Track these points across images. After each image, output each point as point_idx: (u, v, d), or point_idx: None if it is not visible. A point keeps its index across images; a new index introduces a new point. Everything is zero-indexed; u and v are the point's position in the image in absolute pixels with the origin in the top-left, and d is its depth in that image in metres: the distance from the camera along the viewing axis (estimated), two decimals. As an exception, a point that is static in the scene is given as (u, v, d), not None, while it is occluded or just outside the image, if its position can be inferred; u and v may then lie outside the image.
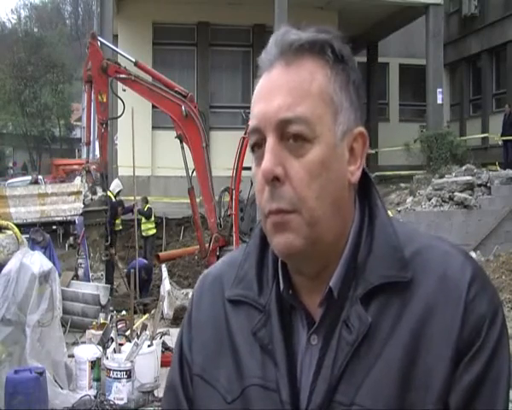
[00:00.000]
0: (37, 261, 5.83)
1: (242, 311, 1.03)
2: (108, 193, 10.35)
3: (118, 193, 12.09)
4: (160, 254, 12.53)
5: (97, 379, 5.92)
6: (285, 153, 0.93)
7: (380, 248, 0.97)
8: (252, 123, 0.97)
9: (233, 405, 0.99)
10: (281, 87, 0.94)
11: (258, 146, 0.97)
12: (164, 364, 6.78)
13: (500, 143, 17.87)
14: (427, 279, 0.94)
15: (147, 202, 12.98)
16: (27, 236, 8.71)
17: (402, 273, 0.94)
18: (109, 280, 10.15)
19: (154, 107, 13.74)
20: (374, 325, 0.93)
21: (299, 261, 0.97)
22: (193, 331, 1.09)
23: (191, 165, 9.88)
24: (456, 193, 12.41)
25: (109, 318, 7.34)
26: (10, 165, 48.12)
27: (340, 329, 0.94)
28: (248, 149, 1.03)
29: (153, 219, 12.97)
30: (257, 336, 0.99)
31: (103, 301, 8.83)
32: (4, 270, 5.71)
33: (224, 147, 15.35)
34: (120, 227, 12.44)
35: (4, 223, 7.81)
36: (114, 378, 5.72)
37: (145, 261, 11.21)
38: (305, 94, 0.94)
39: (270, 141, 0.94)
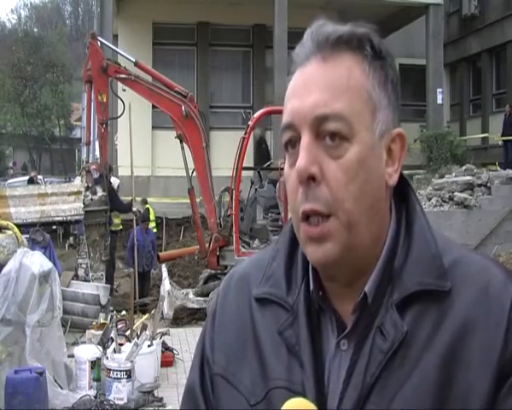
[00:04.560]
0: (37, 261, 5.83)
1: (269, 310, 0.98)
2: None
3: (117, 188, 12.08)
4: (160, 254, 12.52)
5: (97, 379, 5.92)
6: (321, 152, 0.89)
7: (418, 255, 0.92)
8: (285, 119, 0.93)
9: (256, 407, 0.95)
10: (317, 83, 0.90)
11: (292, 145, 0.93)
12: (164, 364, 6.79)
13: (500, 143, 17.87)
14: (466, 290, 0.90)
15: (145, 203, 12.99)
16: (27, 236, 8.70)
17: (440, 282, 0.90)
18: (109, 280, 10.15)
19: (154, 107, 13.75)
20: (409, 334, 0.88)
21: (334, 270, 0.93)
22: (216, 331, 1.05)
23: (191, 165, 9.88)
24: (456, 193, 12.41)
25: (109, 318, 7.33)
26: (10, 165, 48.07)
27: (374, 336, 0.90)
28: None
29: (151, 219, 12.96)
30: (283, 335, 0.95)
31: (103, 301, 8.83)
32: (4, 270, 5.71)
33: (224, 147, 15.35)
34: (120, 227, 12.44)
35: (4, 223, 7.81)
36: (114, 378, 5.72)
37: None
38: (343, 90, 0.90)
39: (306, 138, 0.89)
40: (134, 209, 11.28)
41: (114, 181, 12.07)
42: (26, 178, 25.43)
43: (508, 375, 0.86)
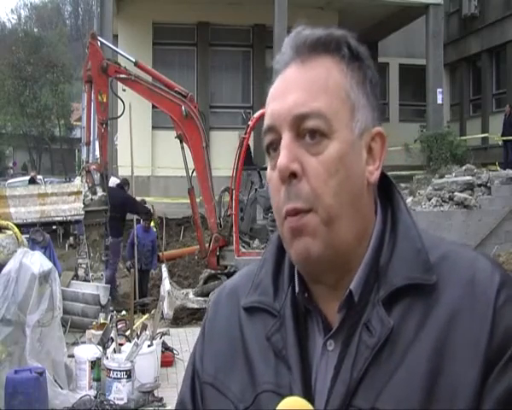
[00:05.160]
0: (37, 261, 5.83)
1: (257, 318, 1.00)
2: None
3: None
4: (160, 254, 12.52)
5: (97, 379, 5.92)
6: (301, 150, 0.91)
7: (403, 251, 0.93)
8: (266, 122, 0.95)
9: None
10: (295, 84, 0.92)
11: (274, 148, 0.94)
12: (164, 364, 6.79)
13: (500, 143, 17.88)
14: (453, 284, 0.90)
15: (144, 204, 13.01)
16: (27, 236, 8.70)
17: (426, 276, 0.90)
18: (109, 282, 10.13)
19: (154, 107, 13.74)
20: (396, 329, 0.89)
21: (318, 269, 0.93)
22: (206, 343, 1.07)
23: (191, 165, 9.89)
24: (456, 193, 12.41)
25: (109, 318, 7.34)
26: (10, 165, 48.10)
27: (361, 333, 0.90)
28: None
29: None
30: (271, 341, 0.96)
31: (103, 301, 8.83)
32: (4, 270, 5.71)
33: (224, 147, 15.35)
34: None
35: (4, 223, 7.81)
36: (114, 378, 5.72)
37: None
38: (321, 90, 0.91)
39: (286, 138, 0.91)
40: (149, 207, 11.38)
41: (114, 181, 12.08)
42: (27, 178, 25.45)
43: (494, 364, 0.86)
